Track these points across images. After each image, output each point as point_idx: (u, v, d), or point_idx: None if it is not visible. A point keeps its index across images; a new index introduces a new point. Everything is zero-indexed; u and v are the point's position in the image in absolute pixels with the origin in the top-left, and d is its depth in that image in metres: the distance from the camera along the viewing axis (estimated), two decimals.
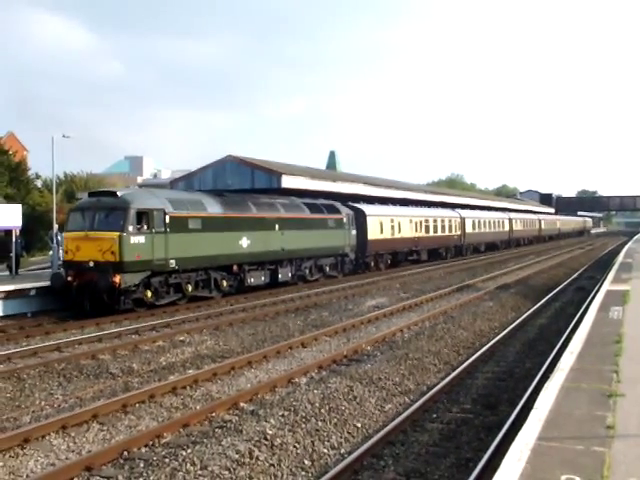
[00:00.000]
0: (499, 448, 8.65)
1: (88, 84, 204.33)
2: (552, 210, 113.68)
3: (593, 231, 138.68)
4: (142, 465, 8.63)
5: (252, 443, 9.38)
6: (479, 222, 59.38)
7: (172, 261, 22.61)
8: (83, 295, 21.30)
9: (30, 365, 14.44)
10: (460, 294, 27.71)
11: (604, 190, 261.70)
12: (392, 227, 41.12)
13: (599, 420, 7.93)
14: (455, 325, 19.71)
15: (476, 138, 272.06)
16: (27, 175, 52.34)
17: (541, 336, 18.31)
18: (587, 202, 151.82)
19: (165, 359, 15.30)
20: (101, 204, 22.04)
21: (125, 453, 8.99)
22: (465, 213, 56.41)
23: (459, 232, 53.70)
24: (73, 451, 9.34)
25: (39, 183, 57.19)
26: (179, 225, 23.07)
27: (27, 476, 8.43)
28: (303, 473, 8.52)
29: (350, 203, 37.80)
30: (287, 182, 34.64)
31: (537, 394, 9.35)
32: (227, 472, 8.37)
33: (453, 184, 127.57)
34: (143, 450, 9.20)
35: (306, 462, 8.86)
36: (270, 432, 9.84)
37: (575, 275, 37.15)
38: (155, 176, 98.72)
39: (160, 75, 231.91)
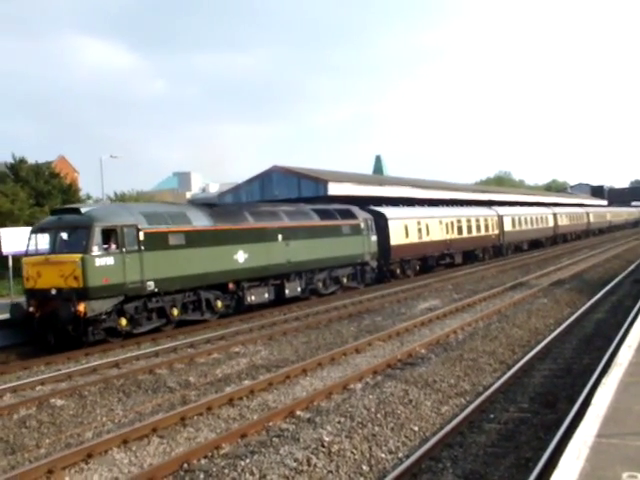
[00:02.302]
0: (559, 447, 8.53)
1: (134, 103, 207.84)
2: (604, 202, 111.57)
3: None
4: (202, 476, 8.75)
5: (310, 451, 9.44)
6: (519, 219, 56.10)
7: (150, 283, 20.14)
8: (46, 327, 19.04)
9: (90, 382, 14.76)
10: (514, 292, 27.43)
11: None
12: (419, 230, 38.59)
13: None
14: (509, 324, 19.53)
15: (524, 134, 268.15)
16: (79, 196, 53.38)
17: (599, 331, 18.00)
18: None
19: (221, 371, 15.47)
20: (62, 223, 19.79)
21: (185, 465, 9.11)
22: (503, 210, 53.56)
23: (497, 231, 50.66)
24: (135, 465, 9.51)
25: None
26: (157, 242, 20.61)
27: None
28: (362, 478, 8.53)
29: (370, 207, 35.53)
30: (334, 189, 34.88)
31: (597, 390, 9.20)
32: None
33: (501, 182, 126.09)
34: (203, 461, 9.32)
35: (364, 467, 8.87)
36: (327, 439, 9.89)
37: (632, 267, 36.39)
38: (204, 190, 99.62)
39: (203, 90, 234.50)
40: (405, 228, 36.97)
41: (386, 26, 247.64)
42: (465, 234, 44.92)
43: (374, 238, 33.17)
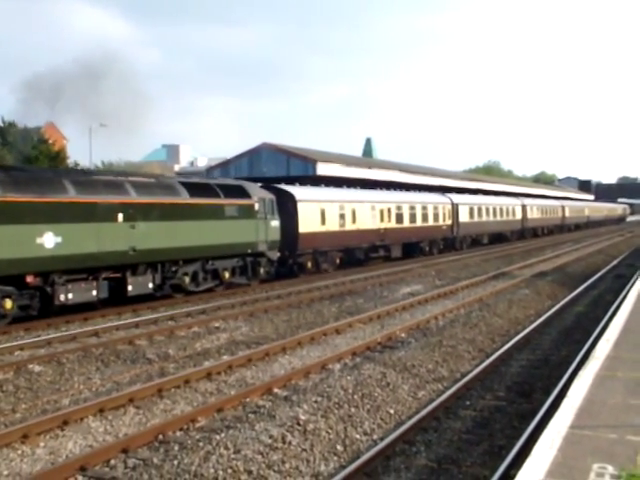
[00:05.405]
0: (532, 436, 8.60)
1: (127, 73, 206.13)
2: (590, 197, 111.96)
3: (630, 219, 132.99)
4: (177, 448, 8.76)
5: (285, 428, 9.46)
6: (479, 209, 49.59)
7: None
8: None
9: (69, 350, 14.71)
10: (496, 281, 27.56)
11: None
12: (342, 216, 32.19)
13: (634, 409, 7.86)
14: (490, 313, 19.63)
15: (517, 124, 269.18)
16: (66, 164, 53.00)
17: (578, 324, 18.12)
18: (627, 189, 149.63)
19: (200, 345, 15.47)
20: None
21: (160, 436, 9.12)
22: (459, 198, 47.36)
23: (449, 222, 44.56)
24: (110, 433, 9.52)
25: None
26: None
27: (66, 456, 8.61)
28: (335, 458, 8.57)
29: (275, 185, 29.62)
30: (322, 169, 34.81)
31: (573, 382, 9.28)
32: (260, 456, 8.46)
33: (490, 171, 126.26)
34: (178, 434, 9.33)
35: (338, 447, 8.91)
36: (303, 418, 9.92)
37: (614, 262, 36.63)
38: (192, 164, 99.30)
39: (198, 63, 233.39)
40: (322, 213, 30.68)
41: (385, 9, 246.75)
42: (407, 223, 38.84)
43: (275, 223, 26.97)
